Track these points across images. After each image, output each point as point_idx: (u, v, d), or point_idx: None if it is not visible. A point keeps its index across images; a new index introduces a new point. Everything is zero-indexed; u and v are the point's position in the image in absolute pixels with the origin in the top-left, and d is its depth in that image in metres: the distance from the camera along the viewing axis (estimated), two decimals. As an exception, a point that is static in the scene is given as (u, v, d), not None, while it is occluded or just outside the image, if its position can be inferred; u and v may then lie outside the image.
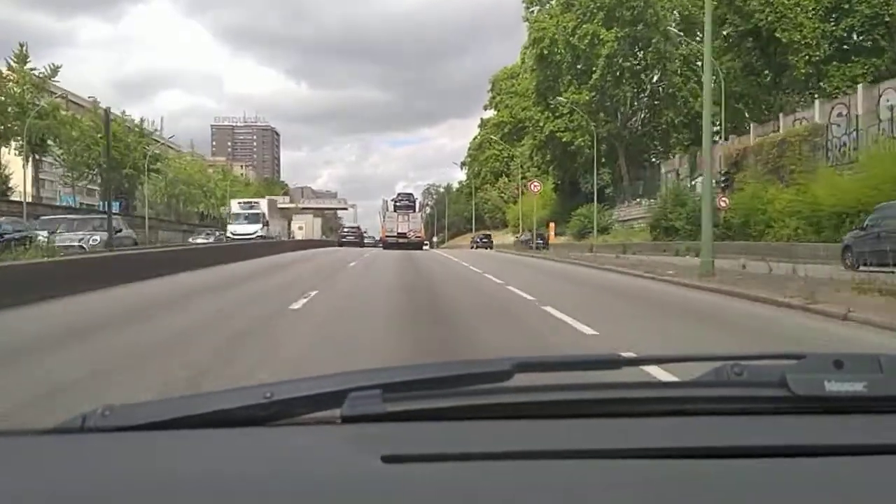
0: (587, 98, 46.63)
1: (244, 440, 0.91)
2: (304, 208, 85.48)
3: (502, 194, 72.87)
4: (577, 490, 0.78)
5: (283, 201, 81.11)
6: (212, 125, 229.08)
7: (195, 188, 75.81)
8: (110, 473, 0.82)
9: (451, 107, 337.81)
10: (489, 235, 60.59)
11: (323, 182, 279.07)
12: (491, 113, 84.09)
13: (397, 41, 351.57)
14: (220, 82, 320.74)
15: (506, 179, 73.50)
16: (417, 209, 48.38)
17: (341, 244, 46.17)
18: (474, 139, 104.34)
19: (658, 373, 3.53)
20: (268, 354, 5.64)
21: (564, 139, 48.09)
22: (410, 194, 51.20)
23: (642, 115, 49.91)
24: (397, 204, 46.30)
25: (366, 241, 53.00)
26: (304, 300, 9.58)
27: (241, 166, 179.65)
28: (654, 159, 51.67)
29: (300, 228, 62.98)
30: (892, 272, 10.64)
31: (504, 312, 9.03)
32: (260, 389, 0.95)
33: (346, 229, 57.40)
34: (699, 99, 48.52)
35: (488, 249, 48.51)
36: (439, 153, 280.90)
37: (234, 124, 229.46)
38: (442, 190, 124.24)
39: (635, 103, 50.06)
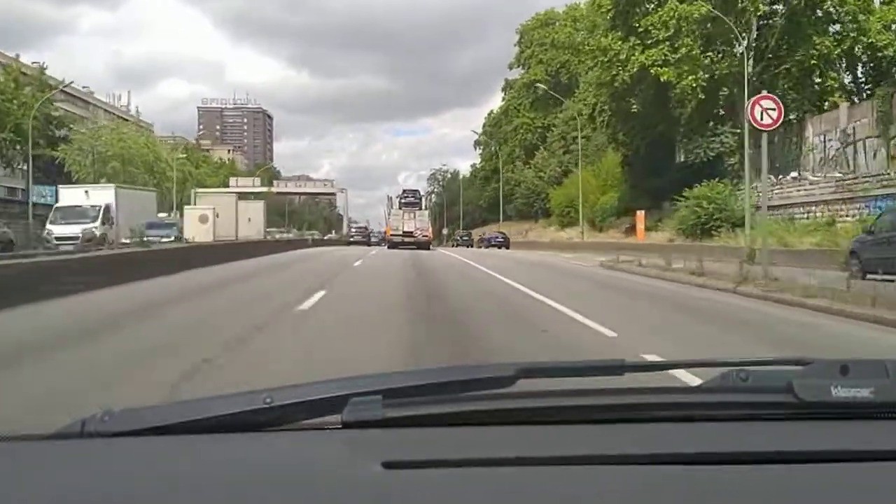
0: (704, 11, 29.12)
1: (245, 445, 0.90)
2: (278, 193, 67.97)
3: (540, 174, 55.20)
4: (580, 497, 0.78)
5: (252, 184, 63.93)
6: (198, 107, 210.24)
7: (136, 167, 58.28)
8: (110, 479, 0.82)
9: (454, 96, 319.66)
10: (470, 234, 58.18)
11: (325, 172, 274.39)
12: (518, 73, 66.43)
13: (400, 29, 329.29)
14: (220, 71, 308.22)
15: (545, 154, 55.80)
16: (424, 206, 45.21)
17: (350, 244, 44.57)
18: (490, 115, 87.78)
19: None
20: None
21: (665, 77, 30.40)
22: (416, 191, 47.97)
23: (772, 45, 32.21)
24: (402, 201, 43.11)
25: (372, 239, 50.82)
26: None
27: (229, 150, 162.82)
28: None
29: (203, 221, 34.58)
30: None
31: None
32: (260, 395, 0.93)
33: (354, 229, 57.34)
34: (873, 16, 31.51)
35: (469, 248, 45.41)
36: (442, 143, 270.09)
37: (222, 107, 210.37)
38: (450, 175, 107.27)
39: (767, 25, 32.48)
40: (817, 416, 0.98)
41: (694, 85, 29.69)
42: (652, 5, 31.99)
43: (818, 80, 32.08)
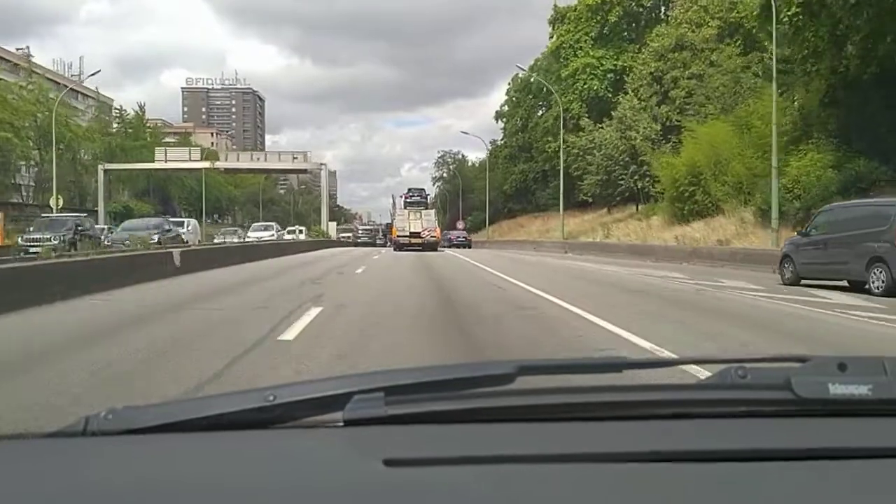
0: None
1: (247, 443, 0.91)
2: (227, 170, 48.89)
3: (627, 133, 34.64)
4: (580, 493, 0.78)
5: (188, 157, 45.06)
6: (182, 88, 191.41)
7: (12, 133, 39.34)
8: (113, 477, 0.82)
9: (458, 87, 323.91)
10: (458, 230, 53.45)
11: (328, 161, 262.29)
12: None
13: (403, 18, 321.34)
14: (222, 61, 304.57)
15: (635, 100, 35.39)
16: (430, 205, 43.19)
17: (356, 244, 43.91)
18: (516, 79, 69.89)
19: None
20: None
21: None
22: (422, 189, 44.73)
23: None
24: (408, 200, 40.06)
25: (378, 241, 48.46)
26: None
27: (212, 134, 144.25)
28: None
29: None
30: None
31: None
32: (262, 392, 0.93)
33: (361, 230, 54.67)
34: None
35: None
36: (445, 133, 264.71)
37: (208, 87, 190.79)
38: (461, 157, 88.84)
39: None
40: (815, 412, 0.98)
41: None
42: None
43: None
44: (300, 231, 46.41)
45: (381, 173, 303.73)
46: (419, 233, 35.86)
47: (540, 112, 67.55)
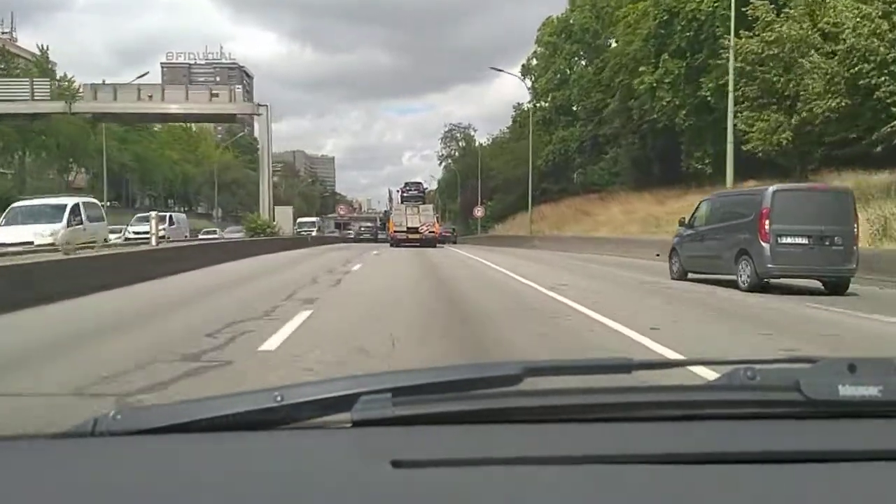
0: None
1: (254, 444, 0.92)
2: (95, 115, 31.24)
3: None
4: (588, 495, 0.78)
5: (29, 94, 28.07)
6: (162, 63, 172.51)
7: None
8: (121, 478, 0.82)
9: (461, 72, 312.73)
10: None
11: (329, 150, 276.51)
12: None
13: (404, 2, 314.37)
14: (220, 47, 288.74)
15: None
16: (428, 198, 42.70)
17: (358, 240, 43.80)
18: (548, 21, 54.20)
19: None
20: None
21: None
22: (419, 183, 46.18)
23: None
24: (404, 195, 41.29)
25: (379, 235, 46.28)
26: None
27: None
28: None
29: None
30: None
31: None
32: (271, 393, 0.94)
33: (363, 227, 53.06)
34: None
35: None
36: (448, 120, 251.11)
37: (191, 62, 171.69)
38: (473, 132, 72.13)
39: None
40: (824, 414, 0.97)
41: None
42: None
43: None
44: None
45: (382, 161, 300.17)
46: (417, 228, 35.64)
47: (583, 62, 50.83)
